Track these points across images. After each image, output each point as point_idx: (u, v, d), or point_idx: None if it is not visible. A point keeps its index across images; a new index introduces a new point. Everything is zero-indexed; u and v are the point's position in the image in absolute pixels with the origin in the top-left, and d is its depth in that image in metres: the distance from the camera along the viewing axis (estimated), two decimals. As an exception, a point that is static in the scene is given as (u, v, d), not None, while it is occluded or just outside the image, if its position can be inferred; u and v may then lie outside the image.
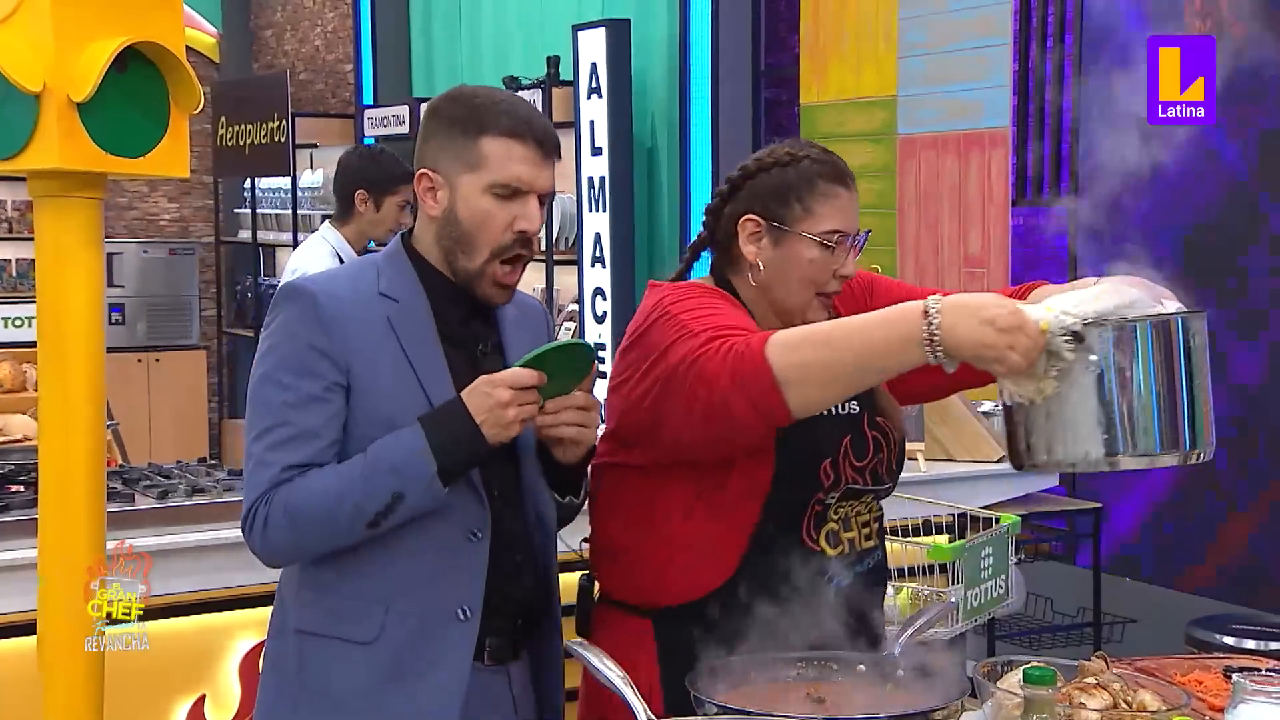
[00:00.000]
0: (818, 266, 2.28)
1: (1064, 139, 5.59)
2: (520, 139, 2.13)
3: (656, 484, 2.27)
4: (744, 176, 2.37)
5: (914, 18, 5.98)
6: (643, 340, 2.22)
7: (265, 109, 9.00)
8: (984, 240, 5.82)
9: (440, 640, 2.12)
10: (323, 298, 2.13)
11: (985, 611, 3.24)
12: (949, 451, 4.40)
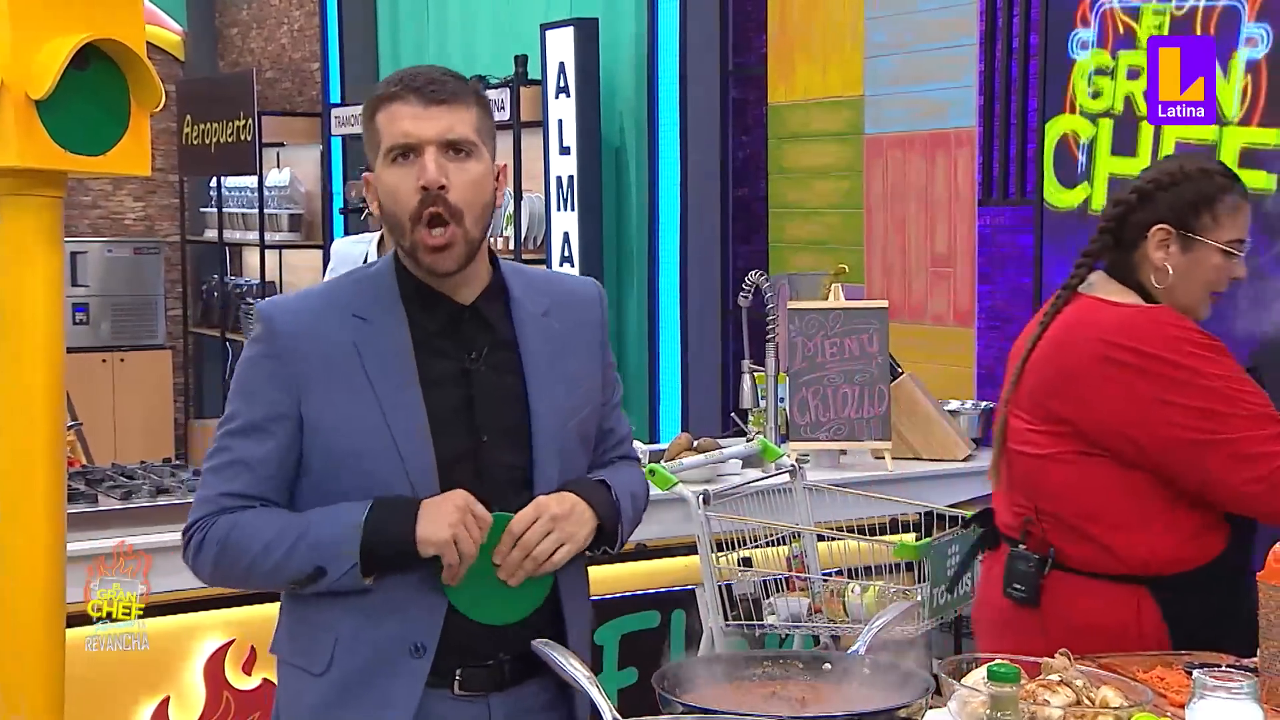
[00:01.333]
0: (1220, 271, 2.62)
1: (1029, 139, 5.61)
2: (400, 98, 2.04)
3: (1139, 474, 2.58)
4: (1156, 188, 2.64)
5: (880, 18, 5.99)
6: (1178, 384, 2.52)
7: (231, 107, 8.96)
8: (951, 240, 5.84)
9: (390, 675, 2.04)
10: (281, 325, 2.08)
11: (952, 609, 3.26)
12: (916, 451, 4.42)
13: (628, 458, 2.31)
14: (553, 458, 2.11)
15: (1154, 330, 2.56)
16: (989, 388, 5.74)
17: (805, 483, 3.56)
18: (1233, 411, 2.51)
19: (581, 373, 2.18)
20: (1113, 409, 2.56)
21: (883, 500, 3.64)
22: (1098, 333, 2.59)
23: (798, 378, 4.33)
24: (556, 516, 2.05)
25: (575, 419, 2.15)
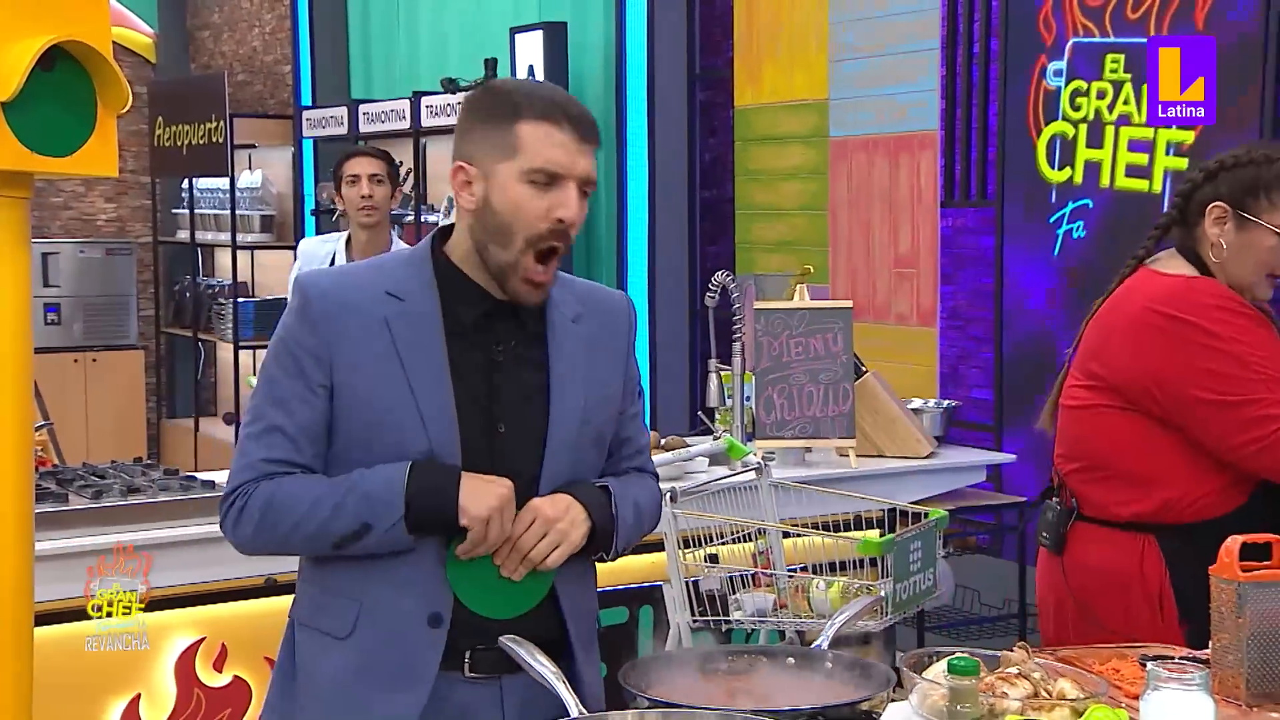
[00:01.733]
0: (1274, 253, 2.68)
1: (990, 143, 5.64)
2: (556, 122, 2.04)
3: (1161, 427, 2.71)
4: (1220, 168, 2.74)
5: (845, 22, 6.01)
6: (1198, 347, 2.63)
7: (203, 109, 8.91)
8: (914, 241, 5.86)
9: (410, 644, 2.07)
10: (316, 296, 2.09)
11: (915, 604, 3.25)
12: (879, 448, 4.42)
13: (643, 470, 2.32)
14: (563, 458, 2.13)
15: (1189, 297, 2.69)
16: (951, 386, 5.77)
17: (771, 480, 3.55)
18: (1249, 376, 2.61)
19: (603, 380, 2.20)
20: (1138, 365, 2.70)
21: (847, 497, 3.64)
22: (1142, 300, 2.74)
23: (763, 376, 4.34)
24: (550, 519, 2.07)
25: (592, 424, 2.17)
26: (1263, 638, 2.09)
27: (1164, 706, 1.88)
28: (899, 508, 3.44)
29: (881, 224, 5.96)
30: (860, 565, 3.28)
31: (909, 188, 5.85)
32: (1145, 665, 1.98)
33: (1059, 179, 5.31)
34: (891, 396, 4.51)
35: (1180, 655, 2.22)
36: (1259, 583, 2.11)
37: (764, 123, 6.47)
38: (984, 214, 5.70)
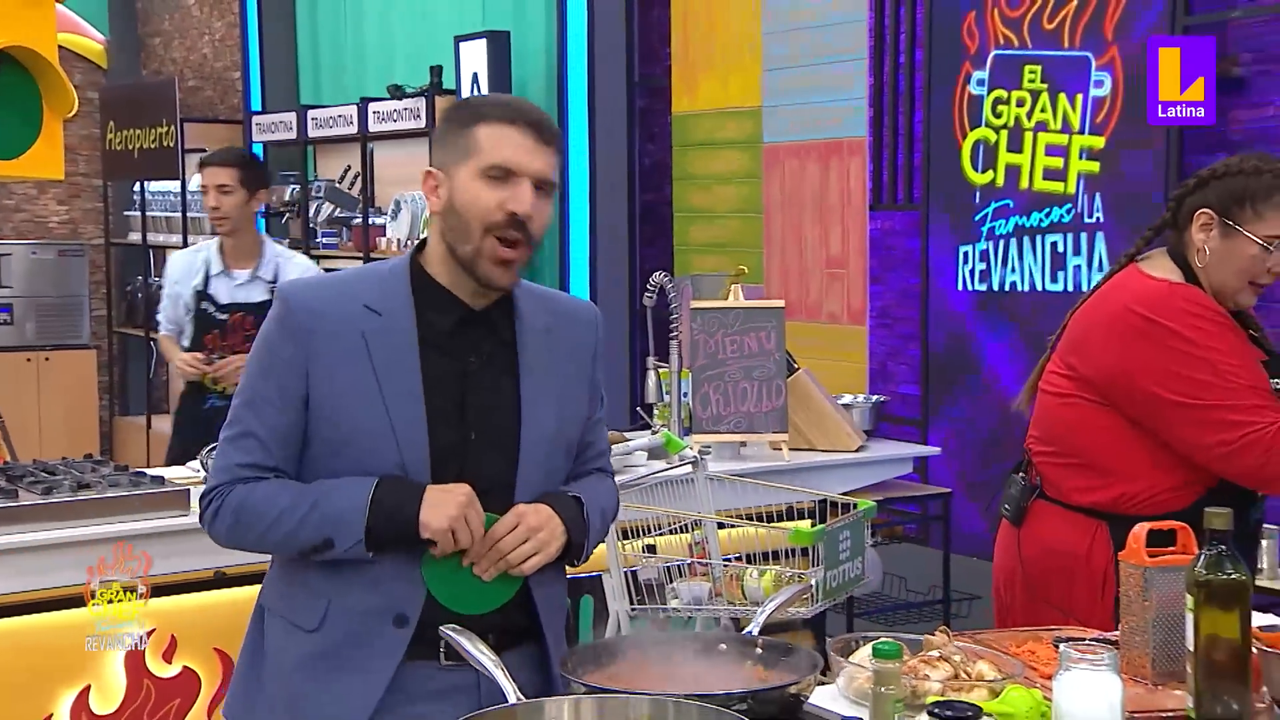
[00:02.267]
0: (1256, 262, 2.68)
1: (916, 148, 5.68)
2: (512, 123, 2.07)
3: (1128, 425, 2.72)
4: (1211, 176, 2.74)
5: (777, 33, 6.04)
6: (1174, 352, 2.64)
7: (154, 114, 8.83)
8: (844, 243, 5.89)
9: (374, 641, 2.08)
10: (296, 307, 2.10)
11: (844, 591, 3.27)
12: (811, 442, 4.45)
13: (603, 470, 2.36)
14: (537, 464, 2.15)
15: (1170, 303, 2.70)
16: (880, 383, 5.81)
17: (707, 473, 3.56)
18: (1221, 383, 2.63)
19: (572, 388, 2.23)
20: (1115, 363, 2.72)
21: (780, 489, 3.65)
22: (1126, 298, 2.75)
23: (700, 373, 4.35)
24: (533, 528, 2.09)
25: (561, 430, 2.20)
26: (1167, 620, 2.12)
27: (1075, 686, 1.90)
28: (829, 499, 3.47)
29: (813, 227, 6.00)
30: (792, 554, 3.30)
31: (839, 192, 5.88)
32: (1058, 647, 2.00)
33: (982, 181, 5.36)
34: (822, 392, 4.54)
35: (1091, 637, 2.25)
36: (1164, 567, 2.14)
37: (700, 129, 6.49)
38: (910, 217, 5.74)
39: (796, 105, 6.00)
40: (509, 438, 2.14)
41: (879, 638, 2.05)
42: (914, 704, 1.98)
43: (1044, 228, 5.12)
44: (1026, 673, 2.12)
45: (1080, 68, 4.97)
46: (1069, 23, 5.02)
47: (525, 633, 2.17)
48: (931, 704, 1.85)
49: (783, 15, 6.02)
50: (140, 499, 3.41)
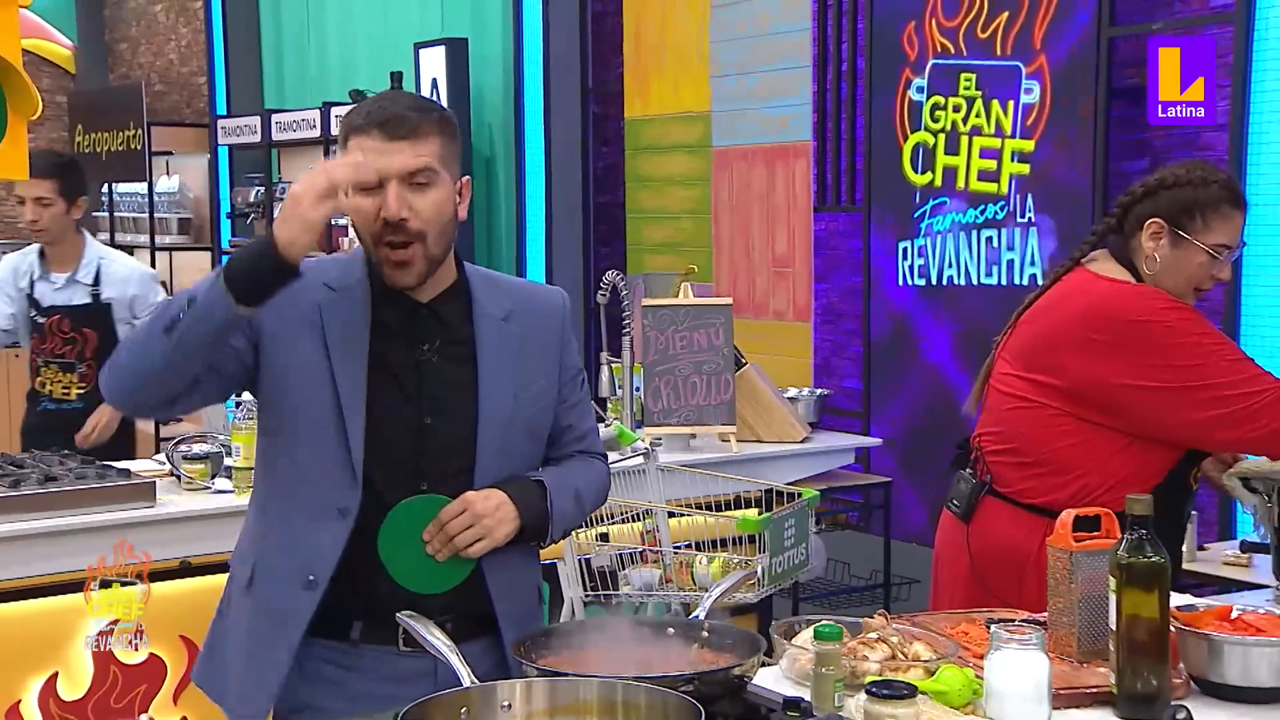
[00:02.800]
0: (1204, 269, 2.66)
1: (858, 152, 5.71)
2: (365, 132, 2.04)
3: (1094, 428, 2.67)
4: (1160, 186, 2.70)
5: (725, 42, 6.05)
6: (1157, 349, 2.60)
7: (121, 118, 8.75)
8: (790, 243, 5.92)
9: (290, 600, 2.08)
10: None
11: (790, 577, 3.29)
12: (758, 434, 4.46)
13: (588, 452, 2.31)
14: (495, 449, 2.13)
15: (1140, 302, 2.67)
16: (824, 377, 5.84)
17: (658, 464, 3.58)
18: (1207, 363, 2.60)
19: (536, 375, 2.19)
20: (1096, 374, 2.65)
21: (728, 479, 3.67)
22: (1089, 302, 2.70)
23: (651, 368, 4.36)
24: (479, 514, 2.06)
25: (522, 417, 2.17)
26: (1091, 601, 2.14)
27: (1005, 664, 1.92)
28: (775, 488, 3.48)
29: (760, 227, 6.01)
30: (740, 542, 3.31)
31: (785, 194, 5.91)
32: (990, 628, 2.02)
33: (921, 182, 5.40)
34: (769, 386, 4.55)
35: (1020, 618, 2.27)
36: (1089, 552, 2.16)
37: (652, 133, 6.50)
38: (853, 218, 5.77)
39: (744, 111, 6.01)
40: (466, 423, 2.12)
41: (821, 621, 2.07)
42: (853, 684, 1.99)
43: (979, 224, 5.16)
44: (960, 653, 2.14)
45: (1011, 76, 5.02)
46: (1001, 33, 5.06)
47: (486, 620, 2.16)
48: (870, 683, 1.86)
49: (730, 25, 6.03)
50: (107, 490, 3.38)
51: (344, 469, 2.06)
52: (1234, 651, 2.05)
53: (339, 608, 2.10)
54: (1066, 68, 4.80)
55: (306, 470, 2.08)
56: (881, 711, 1.79)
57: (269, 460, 2.16)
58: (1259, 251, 4.26)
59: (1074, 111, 4.77)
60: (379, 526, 2.07)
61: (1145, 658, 1.99)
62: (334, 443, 2.06)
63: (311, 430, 2.07)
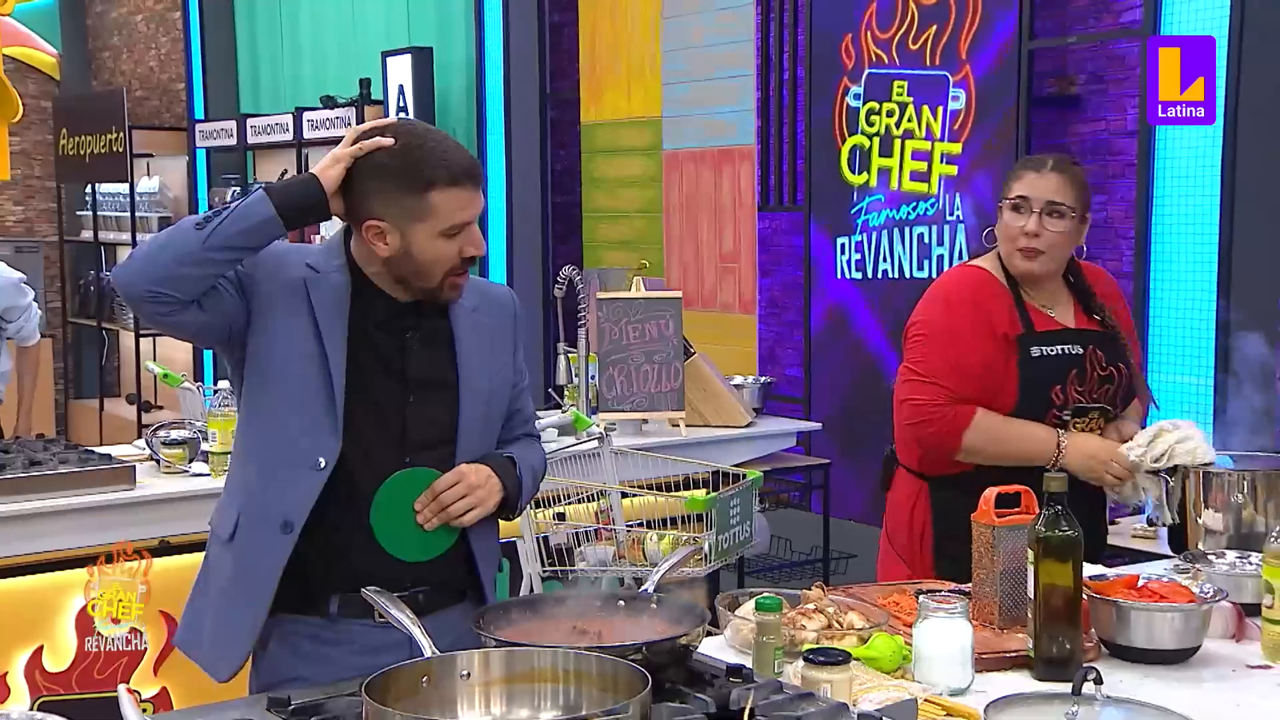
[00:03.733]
0: (1010, 225, 2.77)
1: (799, 155, 5.72)
2: (459, 185, 2.04)
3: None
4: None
5: (674, 51, 6.05)
6: (917, 325, 2.81)
7: (104, 122, 8.66)
8: (736, 240, 5.92)
9: (265, 547, 2.08)
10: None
11: (735, 552, 3.30)
12: (705, 419, 4.46)
13: (531, 435, 2.37)
14: (474, 425, 2.17)
15: (942, 278, 2.92)
16: (768, 365, 5.85)
17: (611, 447, 3.57)
18: (931, 353, 2.75)
19: (499, 360, 2.24)
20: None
21: (678, 461, 3.67)
22: (934, 282, 2.92)
23: (605, 357, 4.35)
24: (473, 485, 2.10)
25: (495, 397, 2.22)
26: (1012, 573, 2.17)
27: (932, 631, 1.94)
28: (721, 469, 3.49)
29: (708, 225, 6.02)
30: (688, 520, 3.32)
31: (731, 194, 5.91)
32: (919, 598, 2.04)
33: (858, 182, 5.42)
34: (716, 374, 4.56)
35: (948, 589, 2.29)
36: (1010, 526, 2.18)
37: (606, 137, 6.48)
38: (794, 217, 5.78)
39: (692, 116, 6.01)
40: (447, 404, 2.16)
41: (762, 593, 2.08)
42: (792, 651, 2.00)
43: (911, 221, 5.19)
44: (891, 621, 2.16)
45: (940, 84, 5.04)
46: (930, 45, 5.09)
47: (464, 587, 2.19)
48: (807, 650, 1.87)
49: (679, 35, 6.02)
50: (89, 475, 3.35)
51: (325, 422, 2.07)
52: (1140, 617, 2.08)
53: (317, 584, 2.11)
54: (990, 77, 4.83)
55: (289, 423, 2.09)
56: (818, 677, 1.80)
57: (254, 419, 2.15)
58: (1167, 259, 4.32)
59: (997, 117, 4.81)
60: (356, 484, 2.08)
61: (1060, 624, 2.01)
62: (317, 398, 2.07)
63: (296, 386, 2.08)
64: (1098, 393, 2.77)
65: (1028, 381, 2.71)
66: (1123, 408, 2.84)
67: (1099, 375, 2.77)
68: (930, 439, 2.75)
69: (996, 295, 2.77)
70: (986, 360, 2.71)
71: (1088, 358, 2.76)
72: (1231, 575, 2.33)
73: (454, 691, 1.65)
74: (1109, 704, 1.84)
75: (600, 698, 1.62)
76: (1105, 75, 4.73)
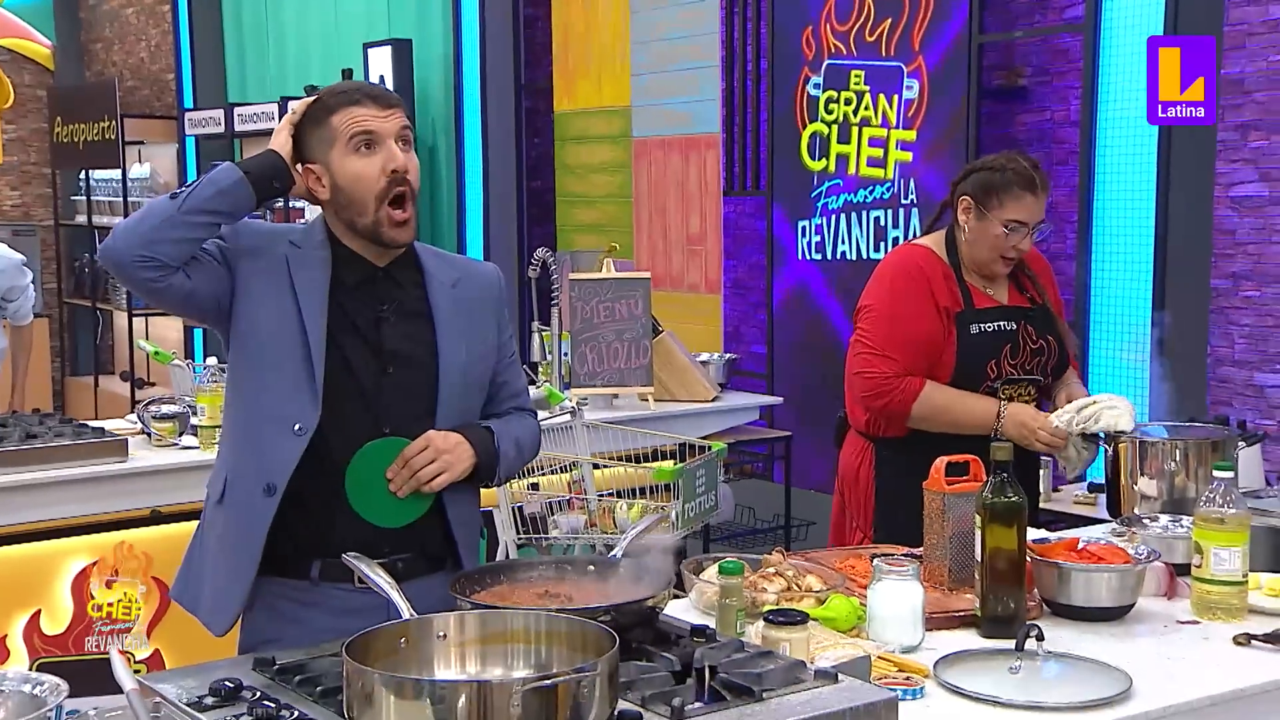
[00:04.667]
0: (1002, 240, 2.77)
1: (762, 142, 5.71)
2: (355, 102, 2.06)
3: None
4: (972, 169, 2.86)
5: (643, 43, 6.01)
6: (867, 302, 2.85)
7: (97, 111, 8.56)
8: (702, 224, 5.91)
9: (251, 508, 2.06)
10: (240, 229, 2.10)
11: (701, 520, 3.31)
12: (672, 393, 4.46)
13: (522, 409, 2.31)
14: (453, 396, 2.13)
15: (891, 254, 2.97)
16: (732, 343, 5.85)
17: (583, 421, 3.57)
18: (882, 327, 2.79)
19: (481, 334, 2.19)
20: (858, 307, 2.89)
21: (646, 434, 3.68)
22: (882, 261, 2.95)
23: (577, 335, 4.34)
24: (441, 450, 2.06)
25: (474, 369, 2.17)
26: (961, 537, 2.18)
27: (885, 593, 1.95)
28: (688, 442, 3.49)
29: (675, 210, 6.00)
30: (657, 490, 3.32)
31: (697, 180, 5.89)
32: (874, 561, 2.04)
33: (817, 168, 5.41)
34: (683, 351, 4.56)
35: (901, 553, 2.30)
36: (959, 494, 2.19)
37: (578, 126, 6.45)
38: (758, 201, 5.78)
39: (660, 105, 5.98)
40: (426, 374, 2.12)
41: (725, 558, 2.08)
42: (753, 612, 2.01)
43: (868, 204, 5.19)
44: (847, 584, 2.16)
45: (894, 75, 5.03)
46: (885, 37, 5.08)
47: (443, 555, 2.16)
48: (767, 611, 1.87)
49: (647, 28, 5.99)
50: (83, 447, 3.32)
51: (305, 390, 2.05)
52: (1079, 577, 2.09)
53: (299, 549, 2.09)
54: (942, 69, 4.83)
55: (271, 390, 2.06)
56: (778, 636, 1.80)
57: (240, 386, 2.13)
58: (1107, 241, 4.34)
59: (948, 107, 4.81)
60: (335, 452, 2.06)
61: (1005, 584, 2.02)
62: (298, 368, 2.05)
63: (277, 356, 2.06)
64: (1030, 364, 2.83)
65: (966, 356, 2.77)
66: (1054, 378, 2.89)
67: (1031, 349, 2.83)
68: (882, 410, 2.79)
69: (939, 273, 2.82)
70: (930, 334, 2.77)
71: (1020, 332, 2.82)
72: (1164, 538, 2.35)
73: (431, 652, 1.64)
74: (1049, 658, 1.86)
75: (570, 657, 1.62)
76: (1050, 68, 4.74)
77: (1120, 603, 2.11)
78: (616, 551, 2.16)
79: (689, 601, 2.18)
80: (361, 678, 1.44)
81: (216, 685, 1.62)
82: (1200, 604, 2.13)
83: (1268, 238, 4.06)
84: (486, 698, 1.40)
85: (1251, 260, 4.09)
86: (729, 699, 1.58)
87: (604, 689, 1.45)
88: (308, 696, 1.62)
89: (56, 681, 1.58)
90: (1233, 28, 4.04)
